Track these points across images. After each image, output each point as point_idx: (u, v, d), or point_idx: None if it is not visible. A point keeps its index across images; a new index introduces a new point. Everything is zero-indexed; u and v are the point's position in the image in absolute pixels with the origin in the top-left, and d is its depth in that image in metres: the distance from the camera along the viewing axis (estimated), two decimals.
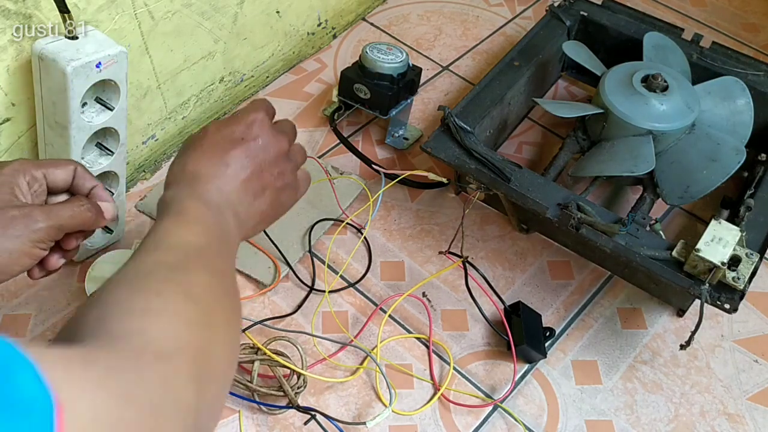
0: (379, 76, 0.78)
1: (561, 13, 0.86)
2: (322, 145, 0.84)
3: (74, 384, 0.23)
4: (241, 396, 0.62)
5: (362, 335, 0.67)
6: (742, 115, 0.76)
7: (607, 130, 0.73)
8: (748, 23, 1.05)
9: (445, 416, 0.63)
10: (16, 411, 0.19)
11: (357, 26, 0.99)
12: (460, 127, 0.69)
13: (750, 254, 0.59)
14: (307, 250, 0.73)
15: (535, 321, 0.68)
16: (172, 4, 0.71)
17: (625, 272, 0.72)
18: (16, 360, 0.20)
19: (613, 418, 0.64)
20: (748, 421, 0.64)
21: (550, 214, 0.64)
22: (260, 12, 0.83)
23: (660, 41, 0.81)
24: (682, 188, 0.69)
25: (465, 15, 1.02)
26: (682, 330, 0.70)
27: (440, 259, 0.73)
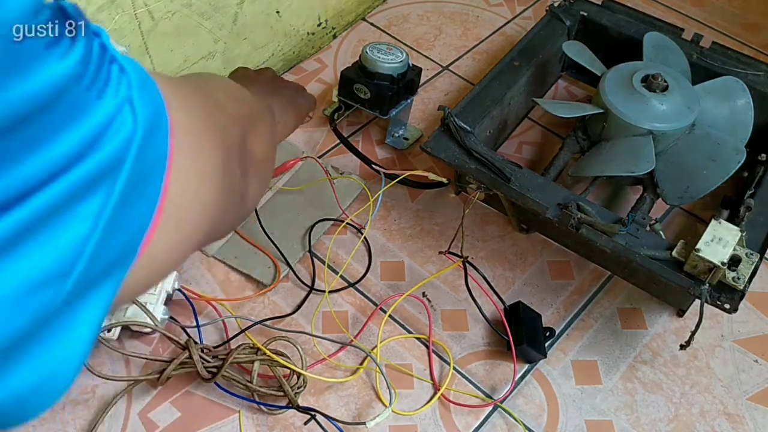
0: (379, 76, 0.78)
1: (561, 13, 0.86)
2: (322, 145, 0.84)
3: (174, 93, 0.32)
4: (241, 396, 0.62)
5: (362, 335, 0.67)
6: (742, 115, 0.76)
7: (607, 130, 0.73)
8: (748, 23, 1.05)
9: (445, 416, 0.63)
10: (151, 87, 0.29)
11: (357, 26, 0.99)
12: (460, 127, 0.69)
13: (750, 254, 0.59)
14: (307, 250, 0.73)
15: (535, 321, 0.68)
16: (172, 4, 0.71)
17: (625, 272, 0.72)
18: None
19: (613, 418, 0.64)
20: (748, 421, 0.64)
21: (550, 214, 0.64)
22: (260, 12, 0.83)
23: (660, 41, 0.81)
24: (682, 188, 0.69)
25: (465, 15, 1.02)
26: (682, 330, 0.70)
27: (440, 259, 0.73)
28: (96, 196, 0.25)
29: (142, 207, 0.28)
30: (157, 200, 0.29)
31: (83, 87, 0.24)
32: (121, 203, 0.26)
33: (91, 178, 0.24)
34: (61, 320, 0.25)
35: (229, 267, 0.72)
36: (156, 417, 0.62)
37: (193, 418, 0.62)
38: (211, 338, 0.67)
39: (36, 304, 0.23)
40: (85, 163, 0.24)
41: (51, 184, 0.23)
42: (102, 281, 0.27)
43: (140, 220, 0.28)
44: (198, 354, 0.60)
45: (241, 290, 0.70)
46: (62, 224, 0.24)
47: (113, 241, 0.26)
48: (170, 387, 0.63)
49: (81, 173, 0.23)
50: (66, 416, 0.61)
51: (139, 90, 0.26)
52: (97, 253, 0.25)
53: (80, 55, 0.23)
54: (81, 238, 0.24)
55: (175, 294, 0.66)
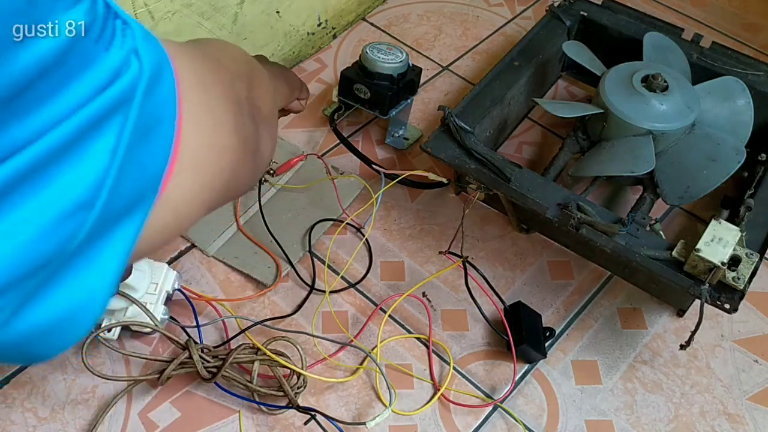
0: (379, 76, 0.78)
1: (561, 13, 0.86)
2: (322, 145, 0.84)
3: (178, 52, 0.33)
4: (241, 396, 0.62)
5: (362, 335, 0.67)
6: (742, 115, 0.76)
7: (607, 130, 0.73)
8: (748, 23, 1.05)
9: (445, 416, 0.63)
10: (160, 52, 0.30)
11: (357, 26, 0.99)
12: (460, 127, 0.69)
13: (750, 254, 0.59)
14: (307, 250, 0.73)
15: (535, 321, 0.68)
16: (172, 4, 0.71)
17: (625, 272, 0.72)
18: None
19: (613, 418, 0.64)
20: (748, 421, 0.64)
21: (550, 214, 0.64)
22: (260, 12, 0.83)
23: (660, 41, 0.81)
24: (682, 188, 0.69)
25: (465, 15, 1.02)
26: (682, 330, 0.70)
27: (440, 259, 0.73)
28: (109, 130, 0.26)
29: (158, 145, 0.30)
30: (171, 140, 0.30)
31: (91, 39, 0.25)
32: (136, 139, 0.27)
33: (102, 113, 0.26)
34: (88, 251, 0.27)
35: (229, 267, 0.72)
36: (156, 417, 0.62)
37: (193, 418, 0.62)
38: (211, 338, 0.67)
39: (63, 232, 0.25)
40: (96, 101, 0.25)
41: (64, 122, 0.24)
42: (126, 216, 0.29)
43: (157, 157, 0.30)
44: (198, 354, 0.60)
45: (241, 290, 0.70)
46: (80, 156, 0.25)
47: (132, 176, 0.28)
48: (170, 387, 0.63)
49: (92, 109, 0.25)
50: (66, 416, 0.61)
51: (143, 41, 0.28)
52: (118, 186, 0.27)
53: (86, 9, 0.25)
54: (100, 169, 0.26)
55: (175, 294, 0.66)
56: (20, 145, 0.23)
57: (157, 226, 0.31)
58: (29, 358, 0.30)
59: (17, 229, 0.24)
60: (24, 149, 0.23)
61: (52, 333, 0.28)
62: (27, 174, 0.24)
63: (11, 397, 0.62)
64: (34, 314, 0.26)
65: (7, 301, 0.25)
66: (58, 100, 0.24)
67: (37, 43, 0.23)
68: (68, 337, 0.29)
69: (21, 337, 0.26)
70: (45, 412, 0.62)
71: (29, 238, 0.24)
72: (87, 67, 0.25)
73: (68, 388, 0.63)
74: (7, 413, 0.61)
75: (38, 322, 0.27)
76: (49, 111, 0.24)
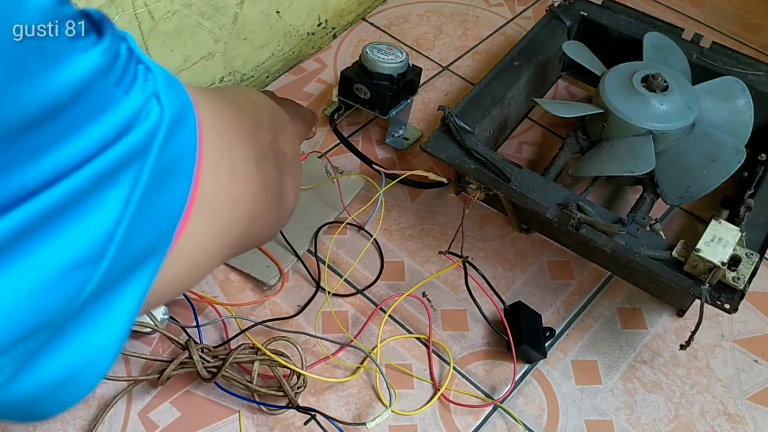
0: (379, 76, 0.78)
1: (561, 13, 0.86)
2: (322, 145, 0.84)
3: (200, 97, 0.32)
4: (241, 396, 0.62)
5: (362, 335, 0.67)
6: (742, 115, 0.76)
7: (607, 130, 0.73)
8: (748, 23, 1.05)
9: (445, 416, 0.63)
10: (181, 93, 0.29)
11: (357, 26, 0.99)
12: (460, 127, 0.69)
13: (750, 254, 0.59)
14: (306, 250, 0.73)
15: (535, 321, 0.68)
16: (172, 4, 0.71)
17: (625, 272, 0.72)
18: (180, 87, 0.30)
19: (613, 418, 0.64)
20: (748, 421, 0.64)
21: (550, 214, 0.64)
22: (260, 12, 0.83)
23: (660, 41, 0.81)
24: (682, 188, 0.69)
25: (465, 15, 1.02)
26: (682, 330, 0.70)
27: (440, 259, 0.73)
28: (123, 181, 0.25)
29: (174, 194, 0.29)
30: (188, 188, 0.29)
31: (111, 82, 0.25)
32: (151, 189, 0.26)
33: (118, 163, 0.25)
34: (95, 307, 0.26)
35: (229, 267, 0.72)
36: (156, 417, 0.62)
37: (193, 418, 0.62)
38: (211, 338, 0.67)
39: (68, 288, 0.24)
40: (112, 150, 0.24)
41: (78, 170, 0.23)
42: (136, 269, 0.27)
43: (172, 206, 0.29)
44: (198, 354, 0.60)
45: (241, 290, 0.70)
46: (91, 208, 0.24)
47: (145, 227, 0.27)
48: (170, 387, 0.63)
49: (107, 159, 0.24)
50: (66, 416, 0.61)
51: (165, 87, 0.27)
52: (129, 238, 0.26)
53: (106, 50, 0.24)
54: (111, 221, 0.25)
55: None
56: (30, 190, 0.22)
57: (169, 277, 0.30)
58: (31, 418, 0.28)
59: (17, 284, 0.22)
60: (33, 197, 0.22)
61: (57, 393, 0.26)
62: (33, 226, 0.22)
63: None
64: (37, 374, 0.25)
65: (7, 362, 0.23)
66: (74, 142, 0.23)
67: (48, 81, 0.22)
68: (73, 396, 0.27)
69: (23, 397, 0.25)
70: None
71: (30, 293, 0.23)
72: (105, 110, 0.24)
73: None
74: None
75: (41, 383, 0.25)
76: (64, 154, 0.23)
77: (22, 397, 0.25)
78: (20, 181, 0.22)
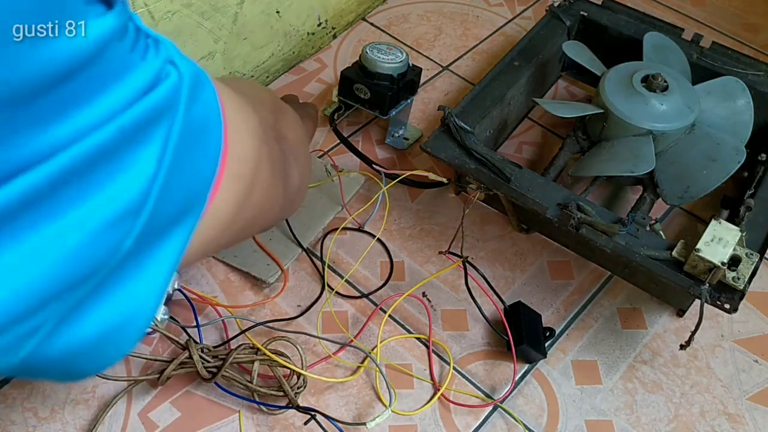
0: (379, 76, 0.78)
1: (561, 13, 0.86)
2: (322, 145, 0.84)
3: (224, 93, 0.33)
4: (241, 396, 0.62)
5: (362, 335, 0.67)
6: (742, 115, 0.76)
7: (607, 130, 0.73)
8: (748, 23, 1.05)
9: (445, 416, 0.63)
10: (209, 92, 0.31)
11: (357, 26, 0.99)
12: (460, 127, 0.69)
13: (750, 254, 0.59)
14: (307, 246, 0.73)
15: (535, 321, 0.68)
16: (172, 4, 0.71)
17: (625, 272, 0.72)
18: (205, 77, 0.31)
19: (613, 418, 0.64)
20: (748, 421, 0.64)
21: (550, 214, 0.64)
22: (260, 12, 0.83)
23: (660, 41, 0.81)
24: (682, 188, 0.69)
25: (465, 15, 1.02)
26: (682, 330, 0.70)
27: (440, 259, 0.73)
28: (154, 138, 0.26)
29: (207, 155, 0.30)
30: (219, 148, 0.30)
31: (125, 48, 0.25)
32: (184, 147, 0.27)
33: (145, 119, 0.25)
34: (134, 262, 0.26)
35: (229, 267, 0.72)
36: (156, 417, 0.62)
37: (193, 418, 0.62)
38: (211, 338, 0.67)
39: (109, 241, 0.25)
40: (137, 106, 0.25)
41: (105, 125, 0.24)
42: (173, 227, 0.28)
43: (206, 167, 0.30)
44: (198, 354, 0.60)
45: (241, 290, 0.70)
46: (125, 164, 0.25)
47: (181, 185, 0.28)
48: (170, 387, 0.63)
49: (133, 114, 0.25)
50: (66, 416, 0.61)
51: (177, 55, 0.28)
52: (166, 195, 0.26)
53: (118, 17, 0.25)
54: (147, 177, 0.26)
55: (175, 294, 0.66)
56: (61, 144, 0.22)
57: (204, 236, 0.31)
58: (73, 375, 0.29)
59: (64, 234, 0.23)
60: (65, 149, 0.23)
61: (97, 348, 0.27)
62: (71, 175, 0.23)
63: (11, 397, 0.62)
64: (78, 329, 0.25)
65: (49, 315, 0.24)
66: (97, 102, 0.24)
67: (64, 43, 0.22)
68: (114, 351, 0.28)
69: (64, 352, 0.25)
70: (45, 412, 0.62)
71: (76, 244, 0.23)
72: (124, 73, 0.25)
73: (68, 388, 0.63)
74: (7, 413, 0.61)
75: (82, 337, 0.26)
76: (89, 113, 0.23)
77: (63, 352, 0.25)
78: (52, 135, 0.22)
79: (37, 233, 0.22)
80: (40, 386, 0.63)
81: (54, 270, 0.23)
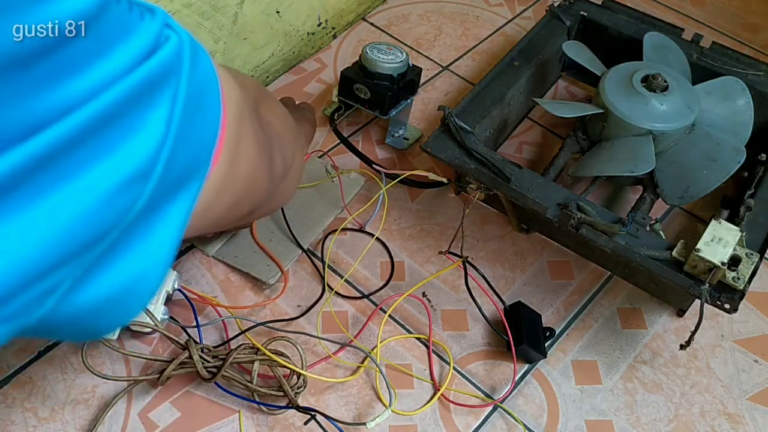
0: (379, 76, 0.78)
1: (561, 13, 0.86)
2: (322, 145, 0.84)
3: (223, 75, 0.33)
4: (241, 396, 0.62)
5: (362, 335, 0.67)
6: (742, 115, 0.76)
7: (607, 130, 0.73)
8: (748, 23, 1.05)
9: (445, 416, 0.63)
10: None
11: (357, 26, 0.99)
12: (460, 127, 0.69)
13: (750, 254, 0.59)
14: (307, 247, 0.73)
15: (535, 321, 0.68)
16: (172, 5, 0.71)
17: (625, 272, 0.72)
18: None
19: (613, 418, 0.64)
20: (748, 421, 0.64)
21: (550, 214, 0.64)
22: (260, 12, 0.83)
23: (660, 41, 0.81)
24: (682, 188, 0.69)
25: (465, 15, 1.02)
26: (682, 330, 0.70)
27: (440, 259, 0.73)
28: (162, 99, 0.26)
29: (209, 115, 0.30)
30: (219, 115, 0.31)
31: (124, 8, 0.25)
32: (189, 108, 0.27)
33: (151, 81, 0.26)
34: (146, 222, 0.27)
35: (229, 267, 0.72)
36: (156, 417, 0.62)
37: (193, 418, 0.62)
38: (211, 338, 0.67)
39: (122, 202, 0.26)
40: (142, 67, 0.25)
41: (112, 87, 0.24)
42: (180, 189, 0.29)
43: (209, 130, 0.30)
44: (198, 354, 0.60)
45: (241, 290, 0.70)
46: (134, 126, 0.25)
47: (187, 146, 0.28)
48: (170, 387, 0.63)
49: (139, 75, 0.25)
50: (66, 416, 0.61)
51: (172, 22, 0.29)
52: (173, 158, 0.27)
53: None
54: (156, 140, 0.26)
55: (175, 294, 0.66)
56: (73, 103, 0.23)
57: (207, 203, 0.31)
58: (87, 334, 0.30)
59: (80, 196, 0.23)
60: (78, 108, 0.23)
61: (112, 306, 0.28)
62: (85, 135, 0.23)
63: (11, 397, 0.62)
64: (94, 287, 0.26)
65: (66, 274, 0.24)
66: (105, 61, 0.24)
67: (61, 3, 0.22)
68: (128, 310, 0.29)
69: (81, 310, 0.26)
70: (45, 412, 0.62)
71: (91, 205, 0.24)
72: (127, 34, 0.25)
73: (68, 388, 0.63)
74: (7, 413, 0.61)
75: (98, 295, 0.26)
76: (98, 71, 0.24)
77: (80, 310, 0.26)
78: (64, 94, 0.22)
79: (54, 194, 0.23)
80: (40, 386, 0.63)
81: (70, 230, 0.24)
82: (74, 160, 0.23)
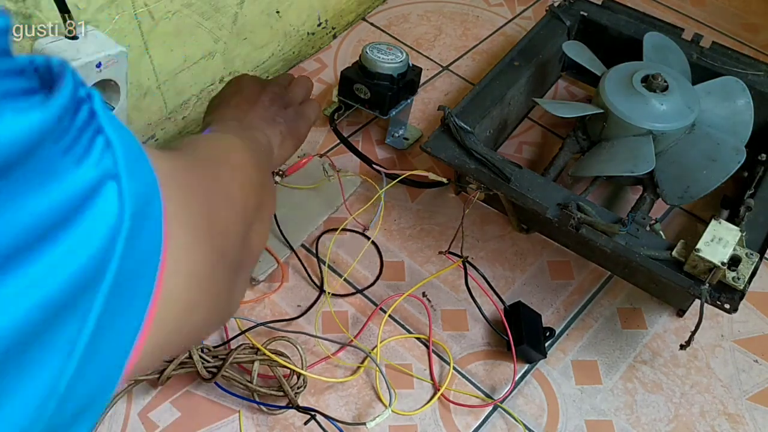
0: (379, 76, 0.78)
1: (561, 13, 0.86)
2: (322, 145, 0.84)
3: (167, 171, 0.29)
4: (241, 396, 0.62)
5: (362, 335, 0.67)
6: (742, 115, 0.76)
7: (607, 130, 0.73)
8: (748, 23, 1.05)
9: (445, 416, 0.63)
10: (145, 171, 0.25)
11: (357, 26, 0.99)
12: (460, 127, 0.69)
13: (750, 254, 0.59)
14: (300, 245, 0.73)
15: (535, 321, 0.68)
16: (172, 4, 0.71)
17: (625, 272, 0.72)
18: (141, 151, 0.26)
19: (613, 418, 0.64)
20: (748, 421, 0.64)
21: (550, 214, 0.64)
22: (260, 12, 0.83)
23: (660, 41, 0.81)
24: (682, 188, 0.69)
25: (465, 15, 1.02)
26: (682, 330, 0.70)
27: (440, 259, 0.73)
28: (71, 318, 0.20)
29: (129, 321, 0.24)
30: (145, 311, 0.25)
31: (59, 149, 0.20)
32: (106, 317, 0.22)
33: (64, 298, 0.20)
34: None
35: None
36: (156, 417, 0.62)
37: (193, 418, 0.62)
38: (211, 338, 0.67)
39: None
40: (56, 273, 0.19)
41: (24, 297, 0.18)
42: (77, 420, 0.22)
43: (124, 340, 0.24)
44: (198, 354, 0.60)
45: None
46: (31, 362, 0.19)
47: (91, 371, 0.22)
48: (170, 387, 0.63)
49: (51, 290, 0.19)
50: None
51: (127, 167, 0.23)
52: (71, 392, 0.21)
53: (55, 112, 0.20)
54: (50, 377, 0.20)
55: None
56: None
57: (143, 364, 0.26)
58: None
59: None
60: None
61: None
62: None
63: None
64: None
65: None
66: (8, 215, 0.18)
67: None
68: None
69: None
70: None
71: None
72: (48, 180, 0.20)
73: None
74: None
75: None
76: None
77: None
78: None
79: None
80: None
81: None
82: None
